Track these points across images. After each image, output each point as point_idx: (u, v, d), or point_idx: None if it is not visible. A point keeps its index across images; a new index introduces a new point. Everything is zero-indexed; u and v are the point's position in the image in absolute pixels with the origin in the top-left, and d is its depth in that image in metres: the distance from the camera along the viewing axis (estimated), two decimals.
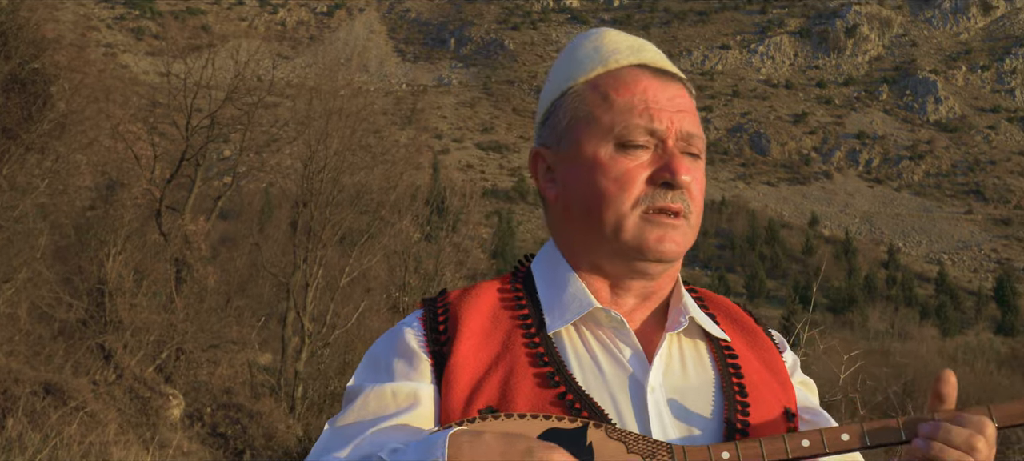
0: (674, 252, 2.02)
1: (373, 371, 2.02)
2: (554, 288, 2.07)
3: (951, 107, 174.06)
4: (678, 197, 2.00)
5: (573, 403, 1.91)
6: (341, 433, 1.93)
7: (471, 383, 1.94)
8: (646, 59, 2.09)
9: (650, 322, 2.09)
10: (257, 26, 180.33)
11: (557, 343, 2.01)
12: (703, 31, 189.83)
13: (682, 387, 2.02)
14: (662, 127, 2.01)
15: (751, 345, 2.17)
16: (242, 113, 33.49)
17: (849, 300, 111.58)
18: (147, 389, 21.90)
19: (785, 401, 2.11)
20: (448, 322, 2.02)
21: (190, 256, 29.27)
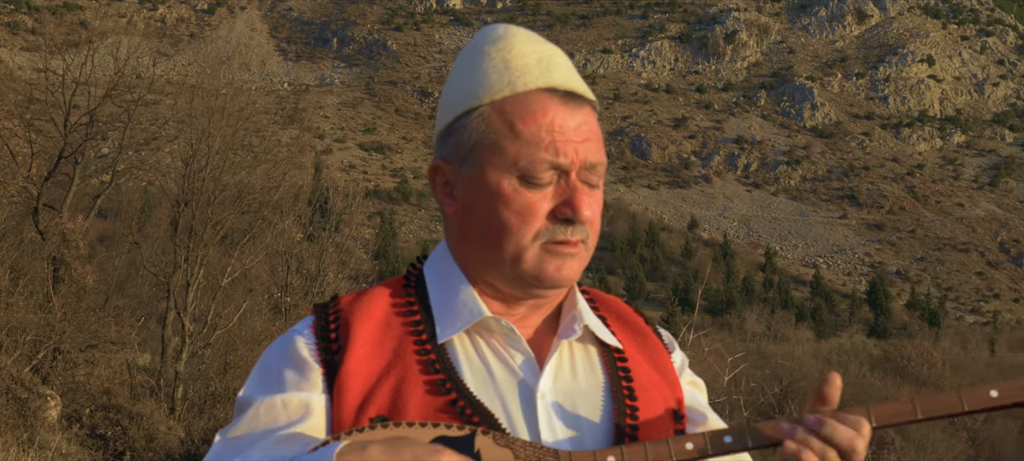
0: (571, 279, 2.02)
1: (264, 381, 1.99)
2: (446, 295, 2.06)
3: (827, 113, 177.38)
4: (578, 230, 1.99)
5: (464, 410, 1.91)
6: (232, 444, 1.92)
7: (362, 392, 1.93)
8: (556, 81, 2.03)
9: (542, 328, 2.10)
10: (136, 23, 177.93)
11: (449, 351, 2.00)
12: (585, 35, 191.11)
13: (572, 392, 2.04)
14: (566, 161, 1.98)
15: (641, 347, 2.18)
16: (121, 110, 33.01)
17: (727, 303, 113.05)
18: (24, 390, 21.52)
19: (673, 402, 2.13)
20: (339, 330, 2.01)
21: (68, 255, 28.77)
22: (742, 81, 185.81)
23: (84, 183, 33.65)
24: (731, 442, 1.90)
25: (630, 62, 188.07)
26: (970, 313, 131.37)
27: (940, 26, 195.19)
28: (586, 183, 1.99)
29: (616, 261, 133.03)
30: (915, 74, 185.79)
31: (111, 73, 32.39)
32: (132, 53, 32.94)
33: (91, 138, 32.09)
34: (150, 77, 35.52)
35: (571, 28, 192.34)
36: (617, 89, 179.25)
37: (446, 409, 1.91)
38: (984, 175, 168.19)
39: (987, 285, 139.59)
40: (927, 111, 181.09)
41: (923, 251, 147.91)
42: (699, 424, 2.16)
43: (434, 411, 1.91)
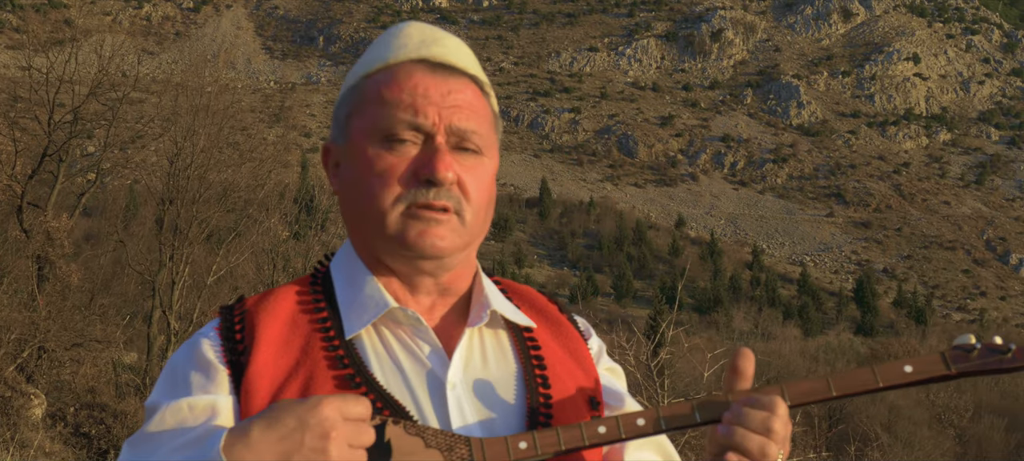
0: (440, 248, 1.98)
1: (171, 385, 1.97)
2: (352, 289, 2.05)
3: (813, 112, 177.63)
4: (442, 194, 1.96)
5: (375, 402, 1.89)
6: (139, 450, 1.90)
7: (271, 391, 1.91)
8: (430, 53, 2.05)
9: (451, 317, 2.08)
10: (122, 21, 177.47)
11: (357, 345, 1.99)
12: (571, 33, 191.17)
13: (484, 381, 2.02)
14: (428, 122, 1.97)
15: (555, 334, 2.16)
16: (106, 109, 32.87)
17: (714, 300, 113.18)
18: (8, 388, 21.39)
19: (590, 389, 2.11)
20: (244, 330, 1.98)
21: (53, 253, 28.63)
22: (728, 79, 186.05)
23: (69, 181, 33.51)
24: (643, 424, 1.91)
25: (616, 60, 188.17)
26: (957, 311, 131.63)
27: (926, 24, 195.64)
28: (460, 149, 1.98)
29: (603, 259, 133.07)
30: (901, 72, 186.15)
31: (95, 71, 32.23)
32: (116, 51, 32.79)
33: (76, 136, 31.94)
34: (135, 75, 35.31)
35: (557, 26, 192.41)
36: (603, 87, 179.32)
37: None
38: (970, 173, 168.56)
39: (973, 283, 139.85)
40: (913, 109, 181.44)
41: (910, 249, 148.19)
42: (616, 409, 2.13)
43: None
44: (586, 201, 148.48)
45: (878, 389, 1.97)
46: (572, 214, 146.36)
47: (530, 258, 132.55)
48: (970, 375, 2.00)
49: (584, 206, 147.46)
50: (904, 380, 1.98)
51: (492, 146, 2.06)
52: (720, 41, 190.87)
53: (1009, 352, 1.96)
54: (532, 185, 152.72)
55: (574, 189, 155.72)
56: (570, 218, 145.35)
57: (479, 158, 2.01)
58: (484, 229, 2.07)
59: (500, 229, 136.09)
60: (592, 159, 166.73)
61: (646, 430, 1.92)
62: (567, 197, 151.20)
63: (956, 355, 1.98)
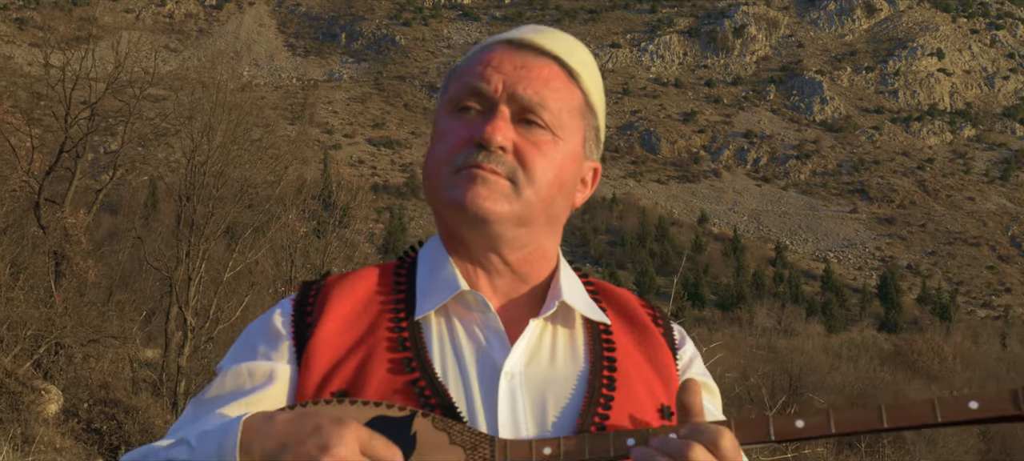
0: (483, 207, 1.94)
1: (239, 351, 2.02)
2: (431, 273, 2.04)
3: (836, 107, 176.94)
4: (493, 159, 1.94)
5: (424, 390, 1.89)
6: (199, 407, 1.96)
7: (328, 365, 1.93)
8: (519, 36, 2.05)
9: (524, 307, 2.04)
10: (144, 18, 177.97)
11: (424, 329, 1.98)
12: (593, 29, 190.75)
13: (545, 377, 1.97)
14: (489, 87, 1.97)
15: (638, 340, 2.11)
16: (124, 105, 32.87)
17: (737, 297, 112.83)
18: (18, 384, 21.35)
19: (666, 398, 2.04)
20: (316, 304, 2.02)
21: (70, 249, 28.65)
22: (751, 75, 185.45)
23: (91, 178, 33.55)
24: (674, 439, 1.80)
25: (639, 56, 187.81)
26: (981, 307, 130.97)
27: (950, 19, 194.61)
28: (525, 121, 1.98)
29: (626, 256, 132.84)
30: (925, 68, 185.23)
31: (112, 68, 32.26)
32: (133, 47, 32.75)
33: (93, 132, 31.95)
34: (153, 72, 35.31)
35: (579, 22, 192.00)
36: (626, 84, 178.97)
37: (404, 388, 1.90)
38: (995, 169, 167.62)
39: (998, 279, 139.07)
40: (937, 105, 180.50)
41: (934, 245, 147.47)
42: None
43: (392, 390, 1.90)
44: (608, 197, 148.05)
45: (936, 424, 1.83)
46: (594, 211, 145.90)
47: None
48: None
49: (606, 202, 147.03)
50: (967, 416, 1.84)
51: (572, 131, 2.03)
52: (743, 37, 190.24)
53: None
54: None
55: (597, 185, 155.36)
56: (592, 215, 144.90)
57: (549, 135, 2.00)
58: (549, 210, 2.03)
59: None
60: (614, 155, 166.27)
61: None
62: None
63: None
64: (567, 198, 2.07)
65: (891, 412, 1.83)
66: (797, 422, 1.83)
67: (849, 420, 1.83)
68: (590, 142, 2.10)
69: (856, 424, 1.83)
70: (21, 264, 27.29)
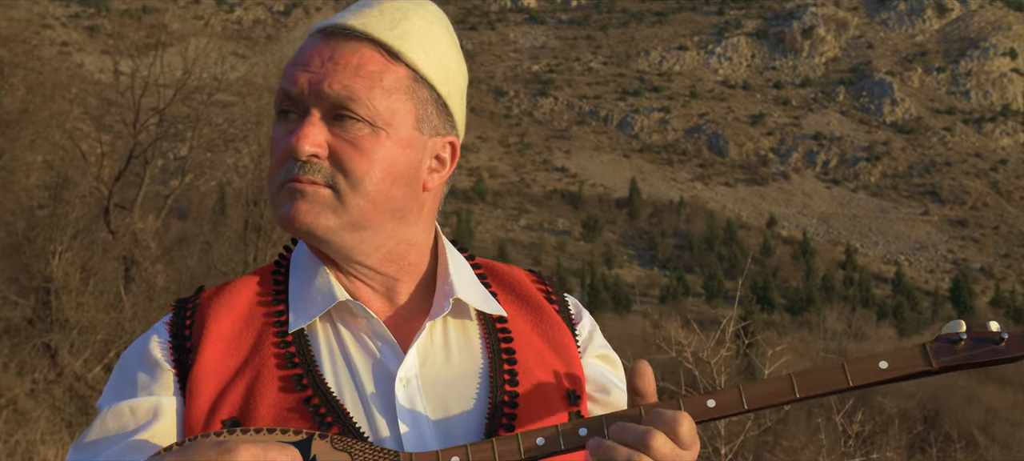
0: (304, 223, 1.85)
1: (118, 385, 1.89)
2: (303, 281, 1.94)
3: (907, 108, 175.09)
4: (308, 169, 1.85)
5: (318, 407, 1.82)
6: (83, 453, 1.83)
7: (215, 392, 1.84)
8: (331, 21, 1.92)
9: (413, 308, 1.97)
10: (213, 25, 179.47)
11: (311, 341, 1.90)
12: (661, 32, 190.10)
13: (444, 378, 1.91)
14: (295, 89, 1.87)
15: (535, 322, 2.02)
16: (193, 111, 33.16)
17: (807, 300, 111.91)
18: (87, 388, 21.55)
19: (570, 383, 1.97)
20: (194, 326, 1.90)
21: (139, 254, 28.91)
22: (820, 77, 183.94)
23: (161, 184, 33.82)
24: (586, 434, 1.78)
25: (706, 59, 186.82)
26: None
27: (1023, 19, 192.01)
28: (338, 118, 1.86)
29: (694, 259, 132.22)
30: (997, 68, 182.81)
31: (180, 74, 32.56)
32: (201, 54, 33.02)
33: (162, 138, 32.24)
34: (221, 78, 35.59)
35: (646, 25, 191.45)
36: (693, 86, 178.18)
37: (297, 407, 1.83)
38: None
39: None
40: (1010, 105, 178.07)
41: (1007, 247, 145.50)
42: (601, 402, 2.03)
43: (285, 410, 1.82)
44: (676, 201, 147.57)
45: (849, 389, 1.79)
46: (662, 214, 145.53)
47: (620, 258, 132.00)
48: (955, 369, 1.84)
49: (674, 206, 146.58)
50: (878, 377, 1.82)
51: (397, 115, 1.89)
52: (812, 38, 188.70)
53: (1002, 341, 1.80)
54: (622, 185, 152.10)
55: (664, 189, 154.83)
56: (660, 218, 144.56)
57: (366, 128, 1.87)
58: (387, 206, 1.90)
59: (590, 229, 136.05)
60: (682, 158, 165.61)
61: (588, 440, 1.77)
62: (657, 197, 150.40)
63: (940, 348, 1.82)
64: (410, 186, 1.92)
65: (802, 381, 1.79)
66: (709, 402, 1.78)
67: (759, 394, 1.78)
68: (430, 118, 1.94)
69: (767, 398, 1.78)
70: (91, 269, 27.54)
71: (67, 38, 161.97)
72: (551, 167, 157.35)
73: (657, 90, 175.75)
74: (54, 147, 30.20)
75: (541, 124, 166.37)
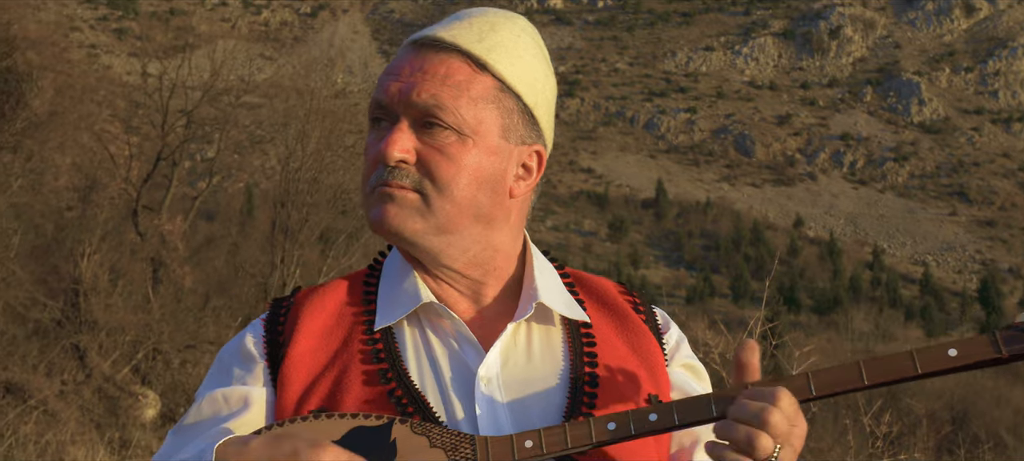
0: (391, 226, 1.95)
1: (215, 376, 2.02)
2: (393, 284, 2.04)
3: (935, 109, 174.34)
4: (397, 174, 1.94)
5: (401, 399, 1.90)
6: (179, 436, 1.96)
7: (305, 383, 1.93)
8: (422, 33, 2.02)
9: (497, 310, 2.03)
10: (240, 27, 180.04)
11: (397, 339, 1.98)
12: (687, 33, 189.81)
13: (524, 378, 1.97)
14: (385, 98, 1.97)
15: (619, 330, 2.08)
16: (220, 113, 33.27)
17: (834, 301, 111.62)
18: (116, 389, 21.68)
19: (653, 387, 2.01)
20: (287, 323, 2.01)
21: (167, 256, 29.03)
22: (847, 77, 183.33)
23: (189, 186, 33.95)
24: (656, 420, 1.83)
25: (733, 59, 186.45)
26: None
27: None
28: (426, 126, 1.95)
29: (720, 260, 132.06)
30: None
31: (208, 76, 32.68)
32: (228, 56, 33.14)
33: (189, 140, 32.37)
34: (249, 80, 35.70)
35: (673, 26, 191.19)
36: (720, 87, 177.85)
37: (381, 399, 1.91)
38: None
39: None
40: None
41: None
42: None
43: (369, 402, 1.90)
44: (703, 201, 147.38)
45: (917, 376, 1.82)
46: (689, 215, 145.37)
47: (646, 259, 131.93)
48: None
49: (701, 206, 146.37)
50: (948, 365, 1.83)
51: (483, 123, 1.96)
52: (839, 38, 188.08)
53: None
54: (648, 186, 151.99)
55: (690, 189, 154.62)
56: (687, 219, 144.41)
57: (453, 136, 1.94)
58: (473, 211, 1.98)
59: (616, 230, 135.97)
60: (709, 159, 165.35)
61: (659, 425, 1.84)
62: (683, 198, 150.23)
63: (1010, 336, 1.80)
64: (496, 193, 2.00)
65: (870, 368, 1.82)
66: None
67: (829, 381, 1.80)
68: (516, 127, 2.01)
69: (836, 384, 1.80)
70: (120, 270, 27.67)
71: (95, 41, 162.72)
72: (577, 168, 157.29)
73: (684, 91, 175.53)
74: (83, 149, 30.34)
75: (567, 125, 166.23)
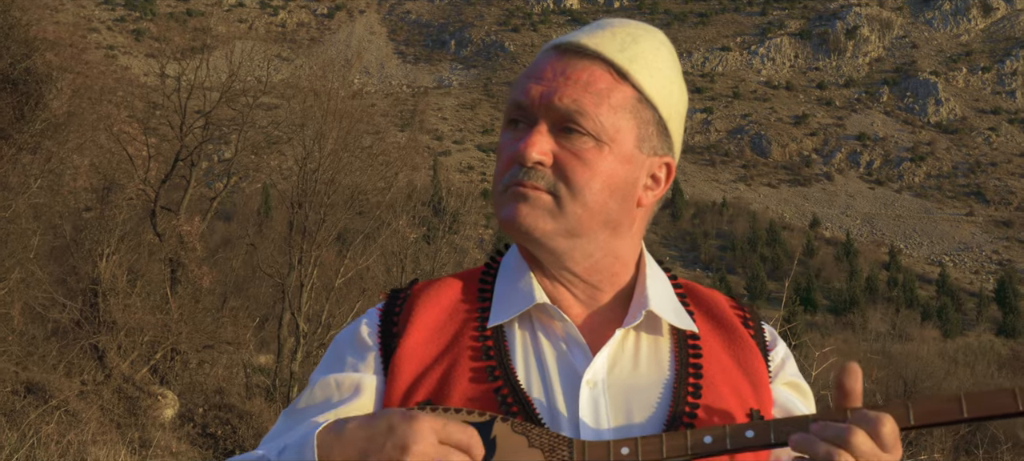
0: (523, 225, 1.96)
1: (329, 362, 2.05)
2: (509, 283, 2.06)
3: (952, 109, 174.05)
4: (533, 175, 1.95)
5: (506, 398, 1.92)
6: (291, 418, 2.00)
7: (414, 375, 1.96)
8: (561, 39, 2.03)
9: (607, 316, 2.05)
10: (257, 28, 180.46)
11: (508, 338, 2.01)
12: (703, 33, 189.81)
13: (629, 384, 1.98)
14: (526, 100, 1.97)
15: (727, 343, 2.10)
16: (238, 114, 33.34)
17: (850, 302, 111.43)
18: (135, 389, 21.78)
19: (756, 403, 2.03)
20: (401, 315, 2.04)
21: (185, 256, 29.08)
22: (864, 77, 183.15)
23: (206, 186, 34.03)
24: (753, 437, 1.84)
25: (749, 59, 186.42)
26: None
27: None
28: (565, 131, 1.96)
29: (736, 260, 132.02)
30: None
31: (226, 77, 32.74)
32: (246, 57, 33.22)
33: (207, 141, 32.45)
34: (266, 81, 35.77)
35: (689, 26, 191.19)
36: (736, 87, 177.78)
37: (486, 396, 1.93)
38: None
39: None
40: None
41: None
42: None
43: (475, 398, 1.92)
44: (719, 202, 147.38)
45: (1019, 413, 1.81)
46: (705, 215, 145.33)
47: (662, 259, 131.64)
48: None
49: (717, 207, 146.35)
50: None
51: (620, 132, 1.98)
52: (855, 38, 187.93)
53: None
54: None
55: (707, 190, 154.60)
56: (703, 219, 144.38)
57: (591, 142, 1.97)
58: (602, 218, 2.00)
59: None
60: (725, 159, 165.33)
61: (755, 443, 1.85)
62: (700, 198, 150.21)
63: None
64: (626, 201, 2.02)
65: (971, 402, 1.80)
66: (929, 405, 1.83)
67: (928, 411, 1.82)
68: (650, 138, 2.03)
69: (935, 415, 1.83)
70: (138, 271, 27.73)
71: (112, 42, 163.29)
72: None
73: (700, 91, 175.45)
74: (101, 150, 30.42)
75: None
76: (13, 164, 23.13)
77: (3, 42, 22.45)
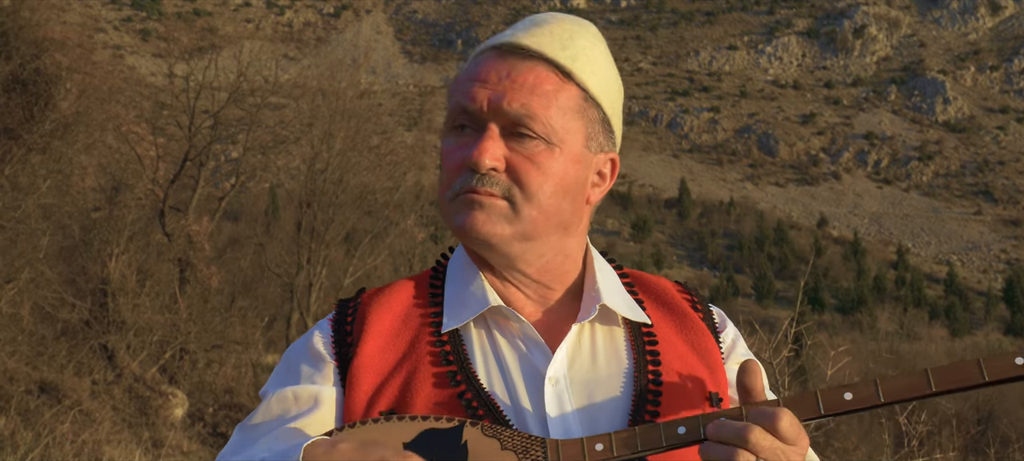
0: (480, 233, 1.95)
1: (283, 374, 2.02)
2: (459, 285, 2.05)
3: (960, 107, 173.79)
4: (487, 181, 1.94)
5: (471, 402, 1.91)
6: (246, 434, 1.97)
7: (374, 384, 1.95)
8: (503, 39, 2.02)
9: (560, 313, 2.05)
10: (264, 27, 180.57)
11: (465, 342, 2.00)
12: (710, 32, 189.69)
13: (590, 378, 1.98)
14: (474, 106, 1.96)
15: (679, 329, 2.10)
16: (246, 114, 33.37)
17: (858, 301, 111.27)
18: (146, 389, 21.80)
19: (713, 385, 2.04)
20: (355, 324, 2.02)
21: (194, 256, 29.12)
22: (871, 76, 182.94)
23: (214, 186, 34.02)
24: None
25: (756, 58, 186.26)
26: None
27: None
28: (516, 135, 1.96)
29: (744, 260, 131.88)
30: None
31: (234, 77, 32.75)
32: (254, 57, 33.24)
33: (216, 141, 32.46)
34: (274, 80, 35.78)
35: (696, 25, 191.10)
36: (743, 86, 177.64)
37: (451, 401, 1.92)
38: None
39: None
40: None
41: None
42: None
43: (439, 404, 1.92)
44: (726, 201, 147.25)
45: (984, 384, 1.82)
46: (712, 214, 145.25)
47: (669, 259, 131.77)
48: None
49: (724, 206, 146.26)
50: (1015, 373, 1.83)
51: (569, 133, 1.98)
52: (863, 37, 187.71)
53: None
54: (671, 185, 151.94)
55: (714, 189, 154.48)
56: (710, 218, 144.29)
57: (542, 145, 1.96)
58: (556, 219, 2.00)
59: (639, 230, 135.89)
60: (732, 158, 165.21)
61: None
62: (707, 197, 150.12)
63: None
64: (576, 201, 2.03)
65: (938, 376, 1.81)
66: (845, 394, 1.81)
67: (896, 388, 1.81)
68: (596, 136, 2.04)
69: (904, 391, 1.81)
70: (147, 271, 27.72)
71: (120, 42, 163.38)
72: None
73: (707, 90, 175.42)
74: (109, 151, 30.42)
75: None
76: (23, 164, 23.12)
77: (13, 43, 22.45)
